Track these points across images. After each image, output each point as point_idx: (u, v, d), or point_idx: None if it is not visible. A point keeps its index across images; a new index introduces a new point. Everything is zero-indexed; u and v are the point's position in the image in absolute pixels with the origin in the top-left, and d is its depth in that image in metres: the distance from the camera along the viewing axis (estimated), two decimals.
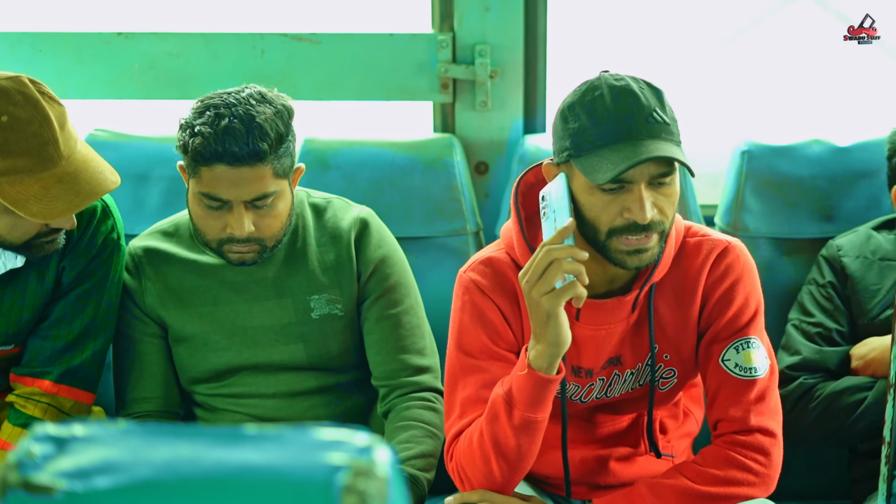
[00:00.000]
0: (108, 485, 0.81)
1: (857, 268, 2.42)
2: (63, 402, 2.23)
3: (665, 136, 1.78)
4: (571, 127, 1.81)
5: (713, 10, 3.10)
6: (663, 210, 1.81)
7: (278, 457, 0.82)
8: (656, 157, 1.75)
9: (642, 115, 1.78)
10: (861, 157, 2.66)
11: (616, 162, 1.75)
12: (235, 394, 2.30)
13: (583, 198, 1.82)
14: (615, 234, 1.81)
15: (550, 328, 1.77)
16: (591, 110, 1.79)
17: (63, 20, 2.94)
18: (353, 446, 0.83)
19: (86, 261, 2.21)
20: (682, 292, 1.98)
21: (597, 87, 1.81)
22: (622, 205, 1.79)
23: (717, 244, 1.99)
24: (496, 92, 2.82)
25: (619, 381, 2.02)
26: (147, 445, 0.84)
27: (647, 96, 1.79)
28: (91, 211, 2.21)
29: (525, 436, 1.85)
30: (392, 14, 2.97)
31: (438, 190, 2.68)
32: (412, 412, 2.23)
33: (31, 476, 0.82)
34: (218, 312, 2.27)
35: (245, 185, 2.08)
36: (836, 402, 2.32)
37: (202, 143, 2.05)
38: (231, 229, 2.12)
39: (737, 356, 1.95)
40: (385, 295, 2.29)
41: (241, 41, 2.82)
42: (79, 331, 2.23)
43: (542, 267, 1.75)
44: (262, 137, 2.06)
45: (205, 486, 0.81)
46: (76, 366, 2.22)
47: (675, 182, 1.82)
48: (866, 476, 2.37)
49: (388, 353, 2.28)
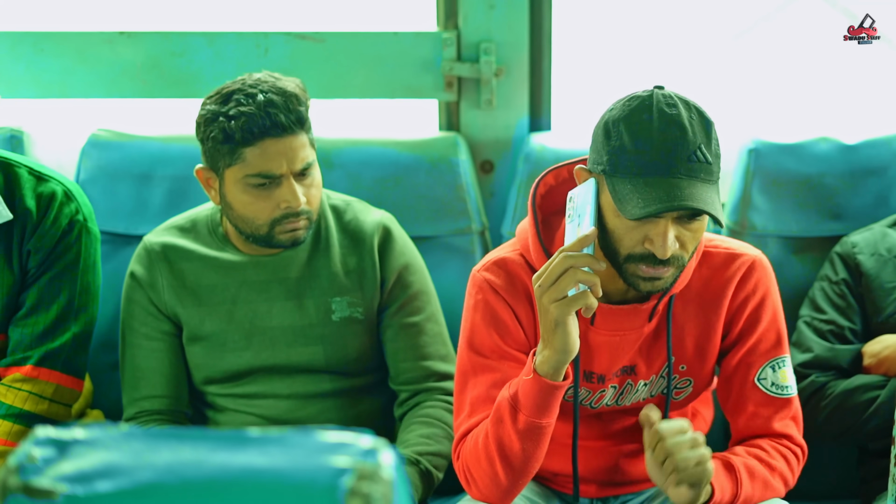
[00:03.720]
0: (110, 489, 0.80)
1: (872, 265, 2.41)
2: (45, 388, 2.22)
3: (704, 176, 1.73)
4: (613, 144, 1.76)
5: (720, 7, 3.09)
6: (685, 245, 1.78)
7: (282, 460, 0.81)
8: (688, 208, 1.71)
9: (685, 153, 1.72)
10: (869, 154, 2.64)
11: (648, 200, 1.71)
12: (249, 394, 2.29)
13: (608, 216, 1.79)
14: (634, 259, 1.78)
15: (558, 336, 1.75)
16: (634, 133, 1.73)
17: (65, 19, 2.93)
18: (357, 449, 0.82)
19: (51, 243, 2.23)
20: (706, 304, 1.97)
21: (647, 108, 1.74)
22: (645, 234, 1.76)
23: (745, 259, 1.97)
24: (501, 90, 2.81)
25: (632, 390, 2.00)
26: (149, 449, 0.83)
27: (696, 130, 1.74)
28: (50, 195, 2.23)
29: (530, 441, 1.83)
30: (396, 12, 2.96)
31: (443, 189, 2.67)
32: (436, 412, 2.26)
33: (32, 480, 0.81)
34: (237, 311, 2.26)
35: (293, 154, 2.12)
36: (847, 400, 2.30)
37: (247, 121, 2.08)
38: (286, 203, 2.14)
39: (773, 375, 1.97)
40: (409, 303, 2.31)
41: (244, 40, 2.81)
42: (56, 314, 2.23)
43: (557, 273, 1.72)
44: (299, 104, 2.13)
45: (207, 489, 0.80)
46: (55, 348, 2.23)
47: (704, 221, 1.79)
48: (876, 475, 2.36)
49: (413, 360, 2.30)
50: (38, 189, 2.24)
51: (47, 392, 2.22)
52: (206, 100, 2.16)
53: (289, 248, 2.23)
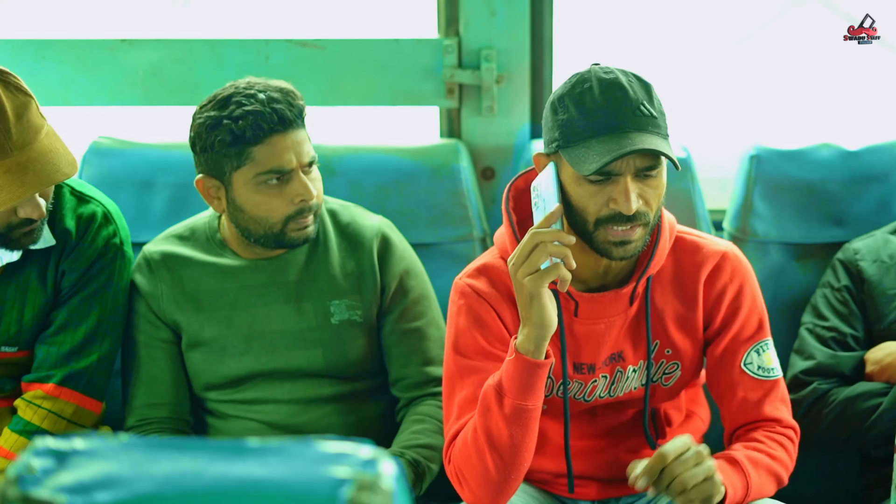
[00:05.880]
0: (109, 499, 0.80)
1: (875, 272, 2.40)
2: (64, 408, 2.22)
3: (652, 129, 1.82)
4: (560, 118, 1.86)
5: (721, 13, 3.09)
6: (649, 202, 1.85)
7: (281, 470, 0.81)
8: (641, 150, 1.79)
9: (630, 108, 1.81)
10: (871, 160, 2.64)
11: (602, 153, 1.79)
12: (250, 400, 2.29)
13: (571, 188, 1.86)
14: (602, 224, 1.85)
15: (534, 309, 1.80)
16: (579, 102, 1.83)
17: (66, 27, 2.94)
18: (357, 459, 0.82)
19: (86, 264, 2.23)
20: (682, 287, 2.03)
21: (586, 79, 1.85)
22: (608, 195, 1.83)
23: (716, 248, 2.05)
24: (502, 97, 2.81)
25: (623, 378, 2.03)
26: (148, 459, 0.83)
27: (636, 89, 1.83)
28: (90, 216, 2.25)
29: (517, 426, 1.84)
30: (397, 19, 2.96)
31: (445, 196, 2.67)
32: (430, 409, 2.27)
33: (31, 491, 0.81)
34: (236, 316, 2.27)
35: (300, 148, 2.17)
36: (850, 407, 2.29)
37: (254, 119, 2.12)
38: (300, 196, 2.16)
39: (758, 358, 2.02)
40: (411, 308, 2.32)
41: (245, 47, 2.81)
42: (84, 335, 2.24)
43: (528, 249, 1.79)
44: (298, 99, 2.18)
45: (207, 500, 0.80)
46: (80, 370, 2.23)
47: (662, 174, 1.87)
48: (878, 483, 2.35)
49: (415, 366, 2.30)
50: (78, 210, 2.25)
51: (66, 412, 2.22)
52: (198, 110, 2.18)
53: (299, 246, 2.24)
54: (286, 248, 2.25)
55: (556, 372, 1.99)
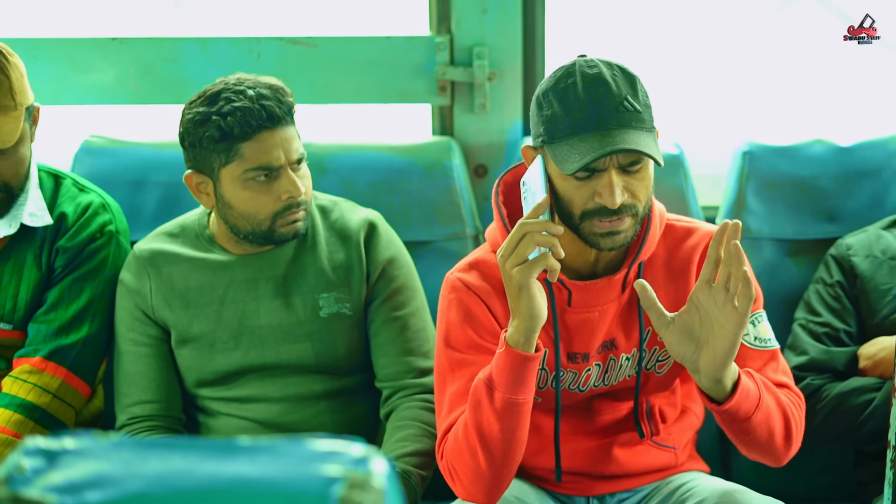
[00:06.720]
0: (100, 499, 0.79)
1: (867, 267, 2.40)
2: (50, 382, 2.24)
3: (635, 124, 1.82)
4: (545, 114, 1.86)
5: (712, 11, 3.09)
6: (635, 194, 1.86)
7: (273, 469, 0.81)
8: (620, 150, 1.79)
9: (613, 104, 1.81)
10: (864, 156, 2.64)
11: (583, 152, 1.80)
12: (241, 398, 2.29)
13: (557, 182, 1.87)
14: (588, 216, 1.86)
15: (523, 300, 1.79)
16: (562, 98, 1.84)
17: (58, 26, 2.93)
18: (348, 457, 0.81)
19: (80, 245, 2.31)
20: (674, 273, 2.02)
21: (570, 73, 1.85)
22: (593, 189, 1.84)
23: (708, 230, 2.05)
24: (495, 94, 2.81)
25: (616, 366, 2.03)
26: (139, 458, 0.83)
27: (620, 84, 1.83)
28: (88, 203, 2.34)
29: (508, 420, 1.84)
30: (389, 16, 2.96)
31: (437, 193, 2.67)
32: (412, 412, 2.25)
33: (21, 491, 0.80)
34: (224, 312, 2.27)
35: (288, 145, 2.17)
36: (843, 403, 2.29)
37: (243, 116, 2.12)
38: (288, 193, 2.17)
39: (754, 330, 2.00)
40: (392, 296, 2.31)
41: (236, 45, 2.80)
42: (73, 314, 2.29)
43: (516, 240, 1.79)
44: (287, 95, 2.18)
45: (198, 499, 0.80)
46: (67, 345, 2.27)
47: (647, 167, 1.86)
48: (873, 478, 2.35)
49: (394, 355, 2.29)
50: (78, 198, 2.35)
51: (52, 386, 2.25)
52: (188, 105, 2.19)
53: (289, 241, 2.25)
54: (275, 243, 2.25)
55: (550, 363, 1.99)
